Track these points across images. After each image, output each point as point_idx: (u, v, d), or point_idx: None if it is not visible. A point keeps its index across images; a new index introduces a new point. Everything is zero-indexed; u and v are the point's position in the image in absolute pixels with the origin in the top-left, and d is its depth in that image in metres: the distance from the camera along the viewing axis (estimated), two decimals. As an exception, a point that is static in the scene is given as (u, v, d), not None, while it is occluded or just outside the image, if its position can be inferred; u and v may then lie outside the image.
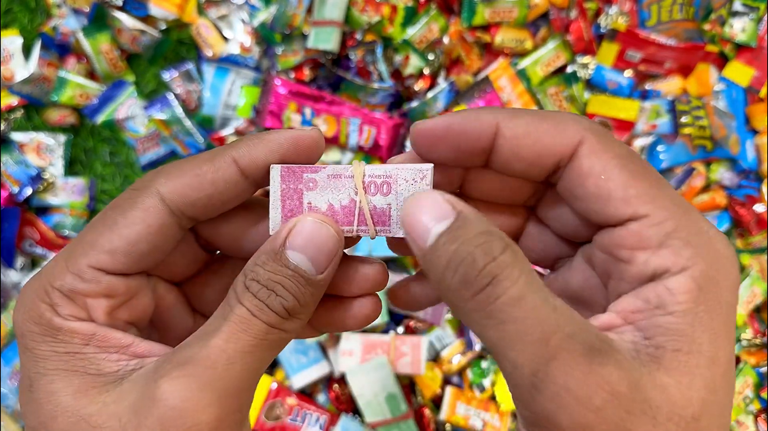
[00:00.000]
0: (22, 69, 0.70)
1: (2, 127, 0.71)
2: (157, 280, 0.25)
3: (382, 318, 0.65)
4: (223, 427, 0.20)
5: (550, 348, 0.18)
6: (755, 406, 0.72)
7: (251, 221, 0.25)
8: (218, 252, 0.27)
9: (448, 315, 0.68)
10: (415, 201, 0.21)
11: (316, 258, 0.21)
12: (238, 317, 0.20)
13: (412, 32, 0.72)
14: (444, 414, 0.65)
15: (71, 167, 0.73)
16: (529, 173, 0.22)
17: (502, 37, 0.73)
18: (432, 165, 0.23)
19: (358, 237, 0.24)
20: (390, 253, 0.27)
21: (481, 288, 0.18)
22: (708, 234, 0.20)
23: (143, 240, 0.21)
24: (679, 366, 0.19)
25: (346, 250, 0.24)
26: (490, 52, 0.75)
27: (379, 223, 0.23)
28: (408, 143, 0.70)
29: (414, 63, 0.72)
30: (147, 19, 0.72)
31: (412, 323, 0.67)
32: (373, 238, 0.24)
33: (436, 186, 0.23)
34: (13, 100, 0.71)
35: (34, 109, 0.73)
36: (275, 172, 0.23)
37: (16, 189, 0.69)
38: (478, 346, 0.66)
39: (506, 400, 0.64)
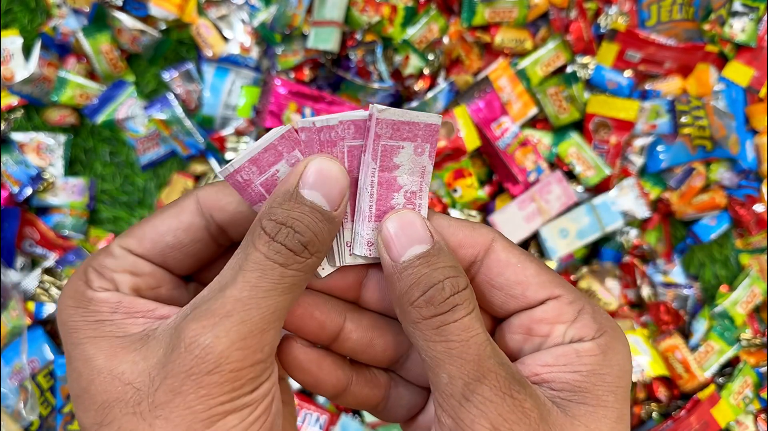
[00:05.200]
0: (22, 69, 0.70)
1: (2, 127, 0.71)
2: (197, 286, 0.27)
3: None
4: (245, 367, 0.21)
5: (483, 369, 0.22)
6: (755, 406, 0.72)
7: None
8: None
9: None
10: (400, 218, 0.24)
11: (330, 194, 0.23)
12: (254, 264, 0.22)
13: (412, 32, 0.72)
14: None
15: (71, 167, 0.73)
16: None
17: (502, 37, 0.73)
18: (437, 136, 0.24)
19: None
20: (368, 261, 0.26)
21: (442, 311, 0.22)
22: (603, 314, 0.24)
23: (170, 233, 0.24)
24: (586, 415, 0.22)
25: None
26: (490, 52, 0.75)
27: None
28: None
29: (414, 63, 0.72)
30: (147, 19, 0.72)
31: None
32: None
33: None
34: (13, 100, 0.71)
35: (34, 109, 0.73)
36: (281, 129, 0.23)
37: (16, 189, 0.69)
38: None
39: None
